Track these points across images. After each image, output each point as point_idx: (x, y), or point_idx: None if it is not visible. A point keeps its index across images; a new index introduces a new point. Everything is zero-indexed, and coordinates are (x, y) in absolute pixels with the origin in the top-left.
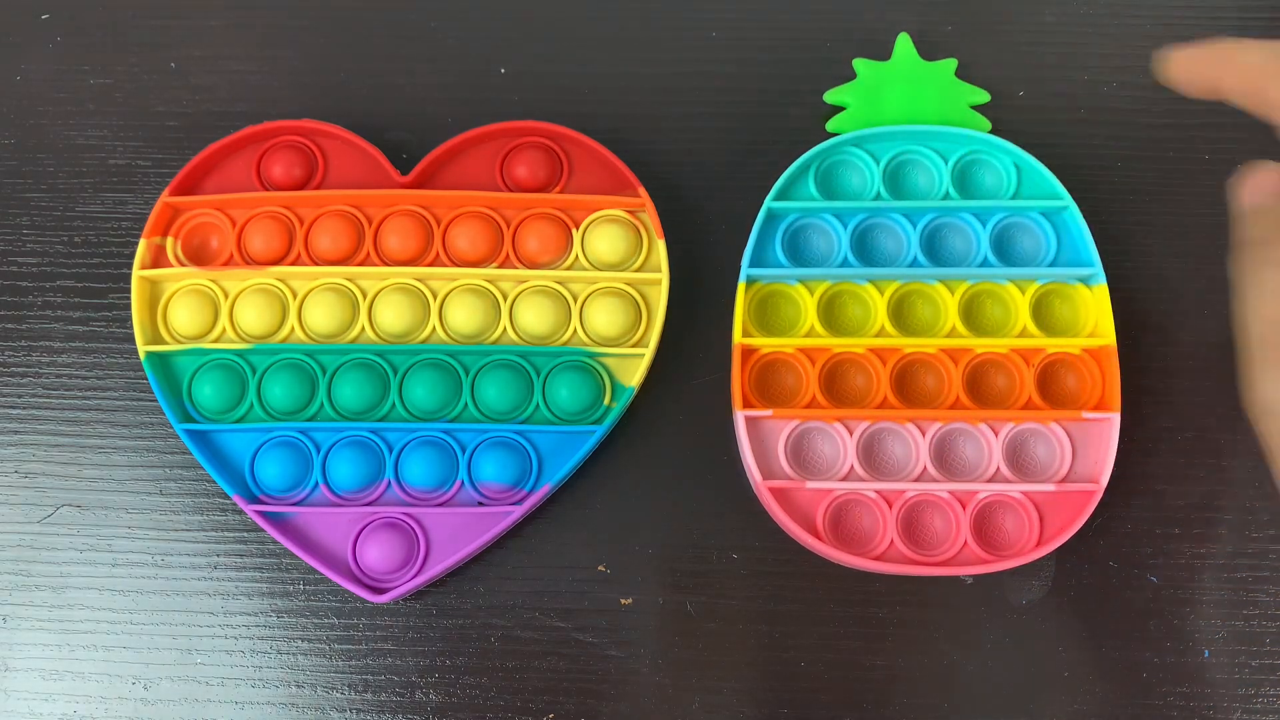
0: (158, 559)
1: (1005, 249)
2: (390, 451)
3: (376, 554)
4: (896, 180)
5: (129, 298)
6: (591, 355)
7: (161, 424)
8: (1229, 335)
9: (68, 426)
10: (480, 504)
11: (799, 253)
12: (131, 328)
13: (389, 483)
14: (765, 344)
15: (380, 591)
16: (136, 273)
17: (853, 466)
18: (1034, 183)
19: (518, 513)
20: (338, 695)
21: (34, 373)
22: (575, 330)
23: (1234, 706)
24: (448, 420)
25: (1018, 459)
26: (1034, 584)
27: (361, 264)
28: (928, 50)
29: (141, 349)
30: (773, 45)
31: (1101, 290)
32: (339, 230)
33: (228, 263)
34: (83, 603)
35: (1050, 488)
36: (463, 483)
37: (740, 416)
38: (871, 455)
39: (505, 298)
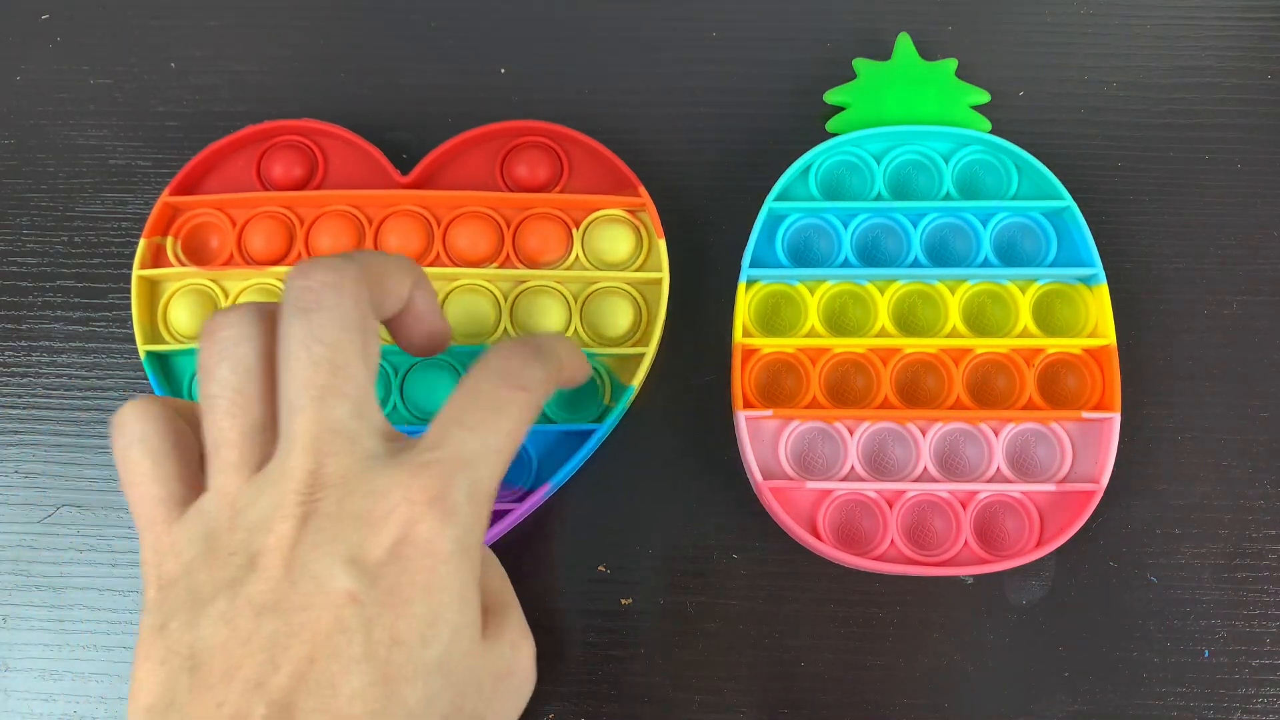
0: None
1: (1006, 249)
2: None
3: None
4: (897, 180)
5: (129, 298)
6: (591, 355)
7: None
8: (1229, 335)
9: (68, 426)
10: None
11: (800, 253)
12: (131, 328)
13: None
14: (766, 344)
15: None
16: (136, 272)
17: (853, 467)
18: (1034, 183)
19: (518, 512)
20: None
21: (34, 373)
22: (575, 330)
23: (1234, 706)
24: None
25: (1018, 459)
26: (1034, 584)
27: None
28: (928, 50)
29: (141, 349)
30: (773, 45)
31: (1102, 290)
32: (339, 230)
33: (228, 263)
34: (83, 603)
35: (1050, 488)
36: None
37: (740, 416)
38: (872, 456)
39: (505, 298)
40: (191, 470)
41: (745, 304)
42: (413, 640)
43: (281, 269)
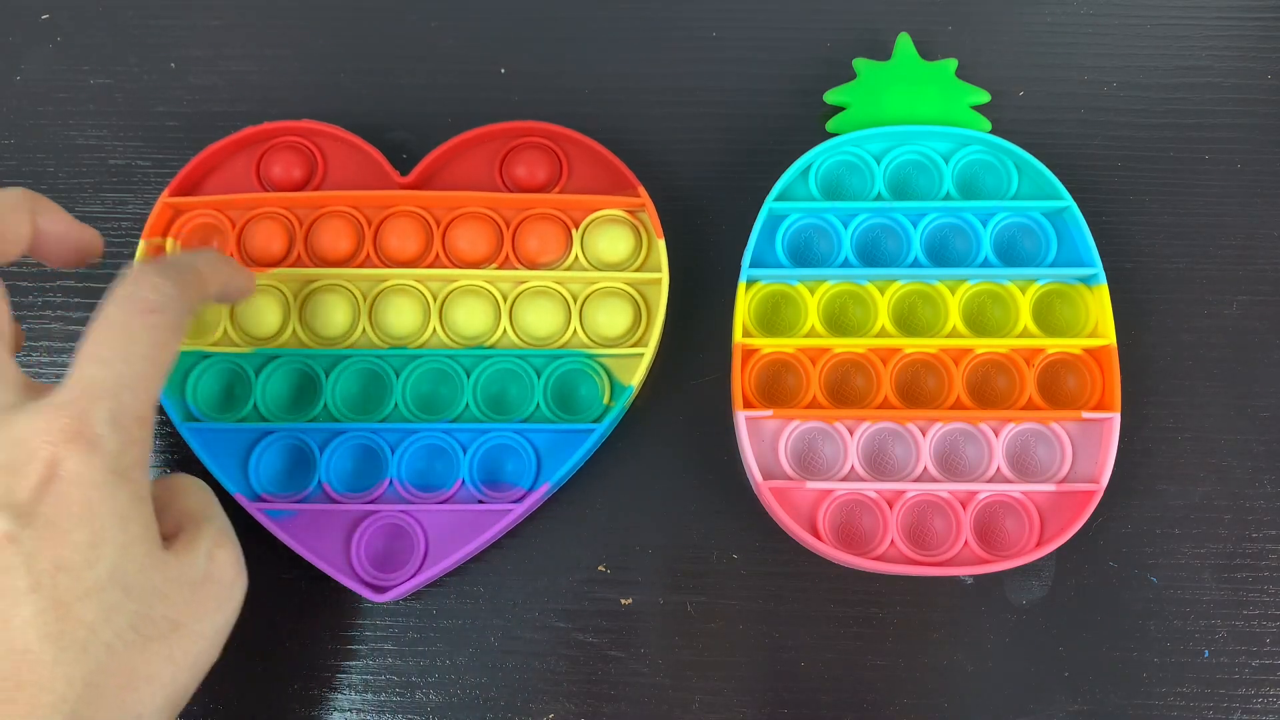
0: None
1: (1006, 249)
2: (391, 451)
3: (377, 553)
4: (897, 180)
5: None
6: (591, 355)
7: (162, 422)
8: (1229, 335)
9: None
10: (480, 503)
11: (800, 253)
12: None
13: (389, 481)
14: (766, 344)
15: (381, 590)
16: None
17: (853, 467)
18: (1034, 183)
19: (517, 512)
20: (338, 695)
21: (34, 373)
22: (575, 331)
23: (1234, 706)
24: (448, 420)
25: (1018, 459)
26: (1034, 584)
27: (361, 265)
28: (928, 50)
29: None
30: (773, 45)
31: (1102, 290)
32: (339, 231)
33: None
34: None
35: (1050, 488)
36: (463, 482)
37: (741, 417)
38: (872, 456)
39: (505, 299)
40: None
41: (745, 304)
42: (78, 563)
43: (282, 270)
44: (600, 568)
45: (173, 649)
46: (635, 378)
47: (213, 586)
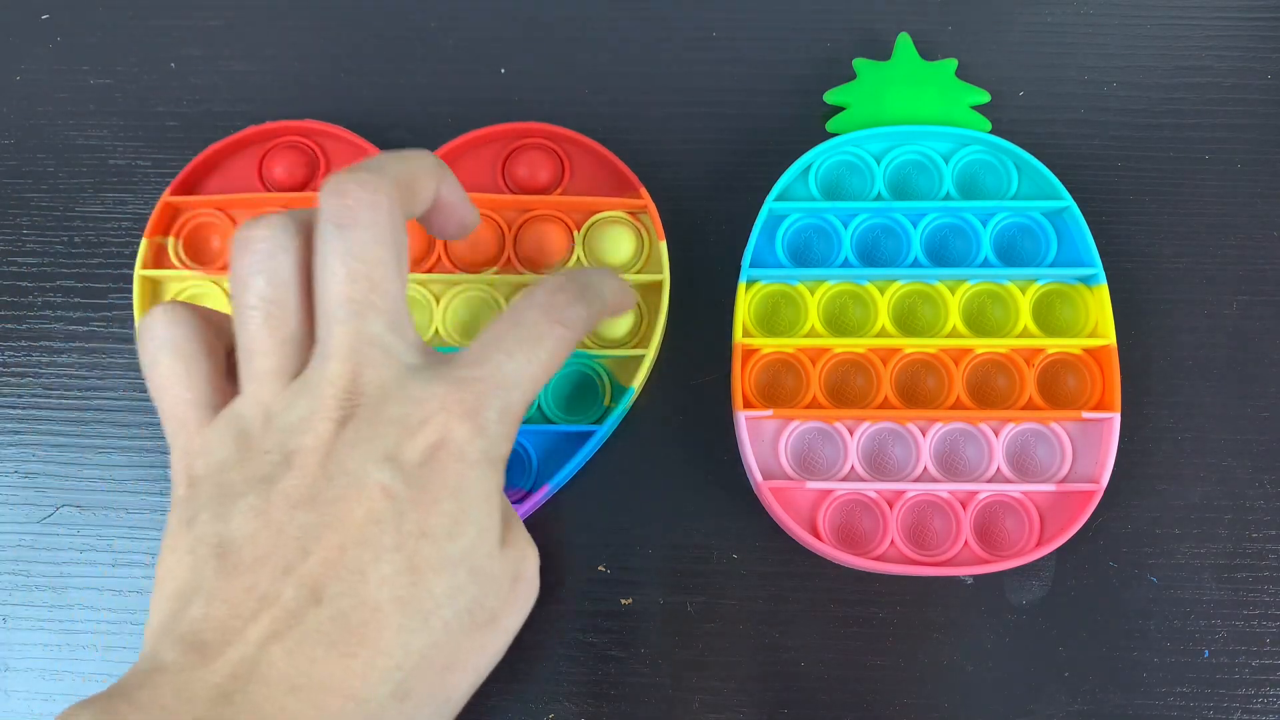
0: (157, 559)
1: (1006, 249)
2: None
3: None
4: (897, 180)
5: (129, 298)
6: (592, 357)
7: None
8: (1229, 335)
9: (68, 426)
10: None
11: (800, 253)
12: (131, 328)
13: None
14: (766, 344)
15: None
16: (138, 272)
17: (853, 467)
18: (1034, 183)
19: (518, 513)
20: None
21: (34, 373)
22: None
23: (1234, 706)
24: None
25: (1018, 459)
26: (1034, 584)
27: None
28: (928, 50)
29: None
30: (773, 45)
31: (1102, 290)
32: None
33: (229, 265)
34: (83, 603)
35: (1051, 488)
36: None
37: (741, 416)
38: (872, 456)
39: (507, 301)
40: (221, 377)
41: (745, 304)
42: (440, 534)
43: None
44: (600, 568)
45: (486, 640)
46: (636, 380)
47: (523, 587)
